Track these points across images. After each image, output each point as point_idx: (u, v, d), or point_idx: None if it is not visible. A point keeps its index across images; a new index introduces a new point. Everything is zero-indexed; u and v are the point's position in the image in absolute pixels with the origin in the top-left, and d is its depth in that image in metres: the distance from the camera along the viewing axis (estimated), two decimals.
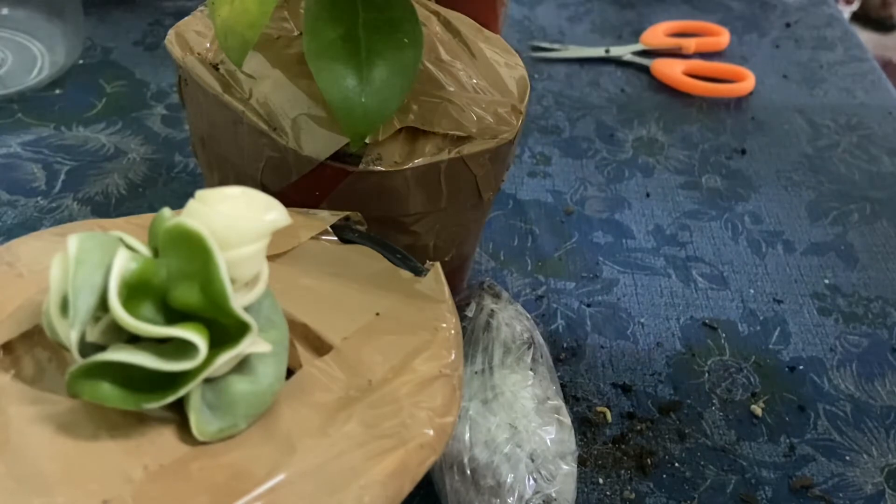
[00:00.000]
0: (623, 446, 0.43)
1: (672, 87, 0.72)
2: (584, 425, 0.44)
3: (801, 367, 0.49)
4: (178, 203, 0.27)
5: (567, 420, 0.40)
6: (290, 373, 0.28)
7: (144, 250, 0.25)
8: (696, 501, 0.41)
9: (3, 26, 0.65)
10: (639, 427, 0.44)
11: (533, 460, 0.37)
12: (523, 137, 0.65)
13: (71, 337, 0.24)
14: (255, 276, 0.26)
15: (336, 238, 0.34)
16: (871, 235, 0.59)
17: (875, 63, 0.78)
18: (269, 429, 0.26)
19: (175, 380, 0.24)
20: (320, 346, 0.29)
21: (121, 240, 0.25)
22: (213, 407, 0.25)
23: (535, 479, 0.37)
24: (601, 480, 0.42)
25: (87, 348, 0.24)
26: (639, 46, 0.75)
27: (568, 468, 0.38)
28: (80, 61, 0.66)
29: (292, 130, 0.38)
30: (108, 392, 0.24)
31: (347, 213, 0.35)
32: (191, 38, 0.42)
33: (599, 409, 0.45)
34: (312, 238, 0.33)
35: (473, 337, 0.42)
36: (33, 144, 0.58)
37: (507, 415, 0.38)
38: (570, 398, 0.46)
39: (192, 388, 0.24)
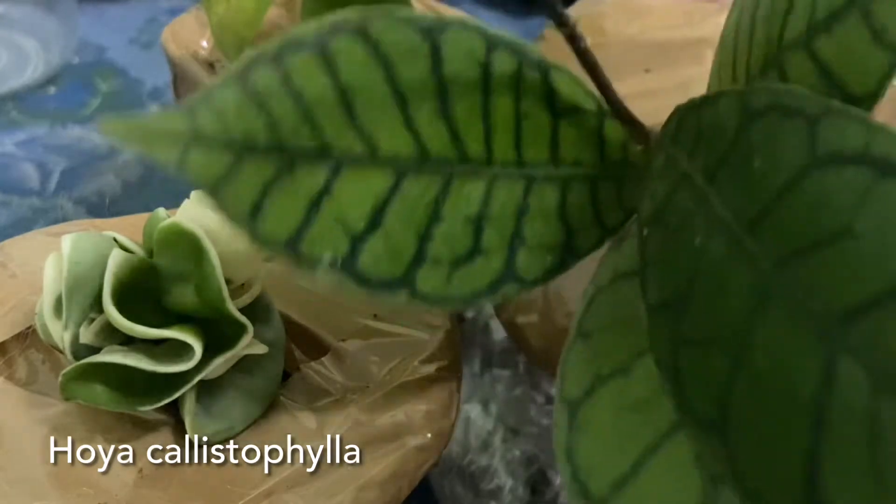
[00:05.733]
0: None
1: None
2: None
3: None
4: (174, 203, 0.26)
5: None
6: (286, 375, 0.27)
7: (139, 251, 0.25)
8: None
9: None
10: None
11: (532, 464, 0.37)
12: None
13: (64, 338, 0.23)
14: (252, 276, 0.26)
15: None
16: None
17: None
18: (266, 431, 0.26)
19: (170, 382, 0.24)
20: (317, 348, 0.29)
21: (115, 240, 0.25)
22: (209, 409, 0.25)
23: (534, 483, 0.36)
24: None
25: (80, 350, 0.24)
26: None
27: None
28: (75, 59, 0.66)
29: None
30: (102, 394, 0.24)
31: None
32: (186, 36, 0.42)
33: None
34: None
35: (472, 338, 0.42)
36: (27, 143, 0.58)
37: (506, 417, 0.38)
38: None
39: (187, 390, 0.24)
